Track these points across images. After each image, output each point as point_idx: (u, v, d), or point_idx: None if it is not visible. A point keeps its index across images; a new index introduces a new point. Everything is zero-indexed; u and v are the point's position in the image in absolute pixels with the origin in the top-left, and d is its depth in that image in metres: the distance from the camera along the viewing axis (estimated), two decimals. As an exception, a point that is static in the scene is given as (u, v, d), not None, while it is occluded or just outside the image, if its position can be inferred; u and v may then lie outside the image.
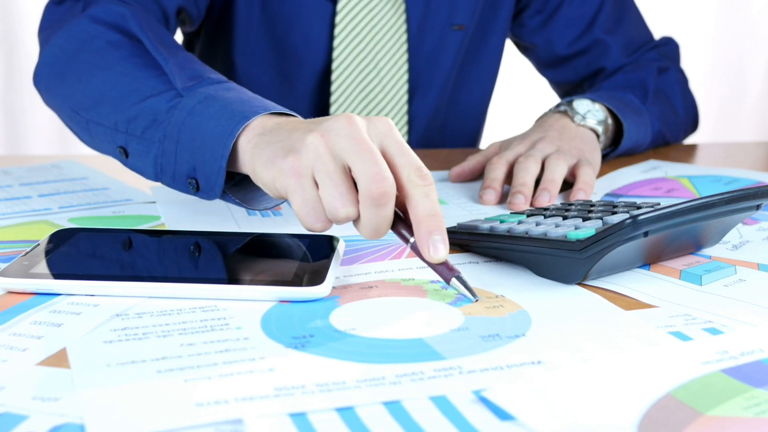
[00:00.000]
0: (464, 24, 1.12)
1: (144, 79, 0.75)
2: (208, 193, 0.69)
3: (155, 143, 0.71)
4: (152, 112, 0.72)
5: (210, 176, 0.68)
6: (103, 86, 0.77)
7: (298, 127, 0.62)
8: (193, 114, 0.69)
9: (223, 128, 0.66)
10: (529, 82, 1.65)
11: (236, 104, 0.68)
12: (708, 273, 0.62)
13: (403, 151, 0.59)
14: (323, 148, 0.58)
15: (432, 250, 0.56)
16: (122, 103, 0.74)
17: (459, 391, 0.44)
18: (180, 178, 0.70)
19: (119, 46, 0.79)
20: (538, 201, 0.80)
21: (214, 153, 0.67)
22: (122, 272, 0.59)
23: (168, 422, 0.41)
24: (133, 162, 0.74)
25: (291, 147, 0.60)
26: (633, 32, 1.16)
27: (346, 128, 0.58)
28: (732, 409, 0.42)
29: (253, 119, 0.66)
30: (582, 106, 0.95)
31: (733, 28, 2.53)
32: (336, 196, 0.57)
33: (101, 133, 0.77)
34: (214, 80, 0.73)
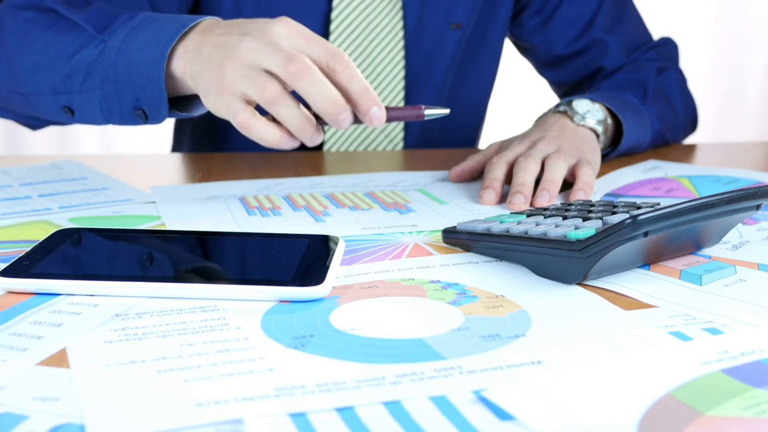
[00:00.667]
0: (462, 23, 1.12)
1: (67, 40, 0.81)
2: (156, 118, 0.78)
3: (95, 91, 0.79)
4: (84, 64, 0.79)
5: (153, 102, 0.77)
6: (33, 59, 0.82)
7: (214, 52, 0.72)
8: (121, 52, 0.77)
9: (153, 55, 0.75)
10: (528, 82, 1.64)
11: (156, 30, 0.76)
12: (708, 273, 0.62)
13: (311, 43, 0.69)
14: (239, 65, 0.68)
15: (373, 120, 0.68)
16: (54, 66, 0.81)
17: (459, 391, 0.44)
18: (127, 113, 0.79)
19: (36, 21, 0.84)
20: (538, 201, 0.80)
21: (152, 79, 0.75)
22: (122, 272, 0.59)
23: (168, 422, 0.41)
24: (80, 116, 0.82)
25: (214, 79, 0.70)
26: (632, 32, 1.16)
27: (253, 44, 0.68)
28: (732, 409, 0.42)
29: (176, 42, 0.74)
30: (582, 106, 0.95)
31: (732, 28, 2.53)
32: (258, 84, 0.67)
33: (42, 102, 0.83)
34: (125, 17, 0.80)
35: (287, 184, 0.90)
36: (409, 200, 0.84)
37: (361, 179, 0.92)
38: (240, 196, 0.85)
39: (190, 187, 0.88)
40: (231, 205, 0.81)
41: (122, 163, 1.02)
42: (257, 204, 0.81)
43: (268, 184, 0.90)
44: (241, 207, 0.80)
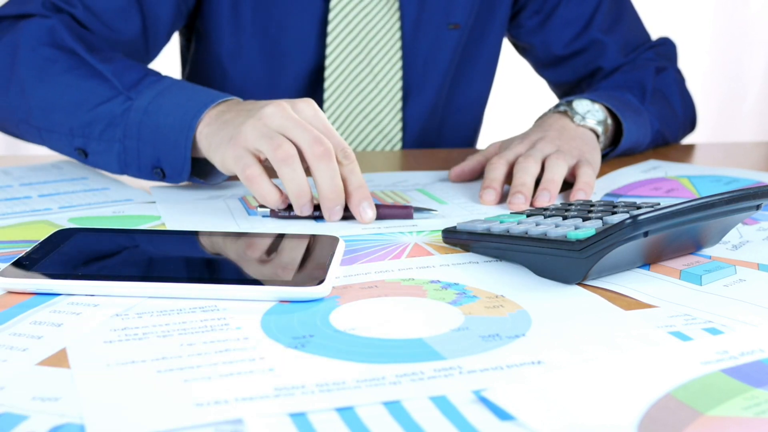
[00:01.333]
0: (460, 23, 1.12)
1: (90, 88, 0.84)
2: (175, 179, 0.82)
3: (115, 142, 0.82)
4: (107, 116, 0.83)
5: (176, 165, 0.81)
6: (51, 98, 0.85)
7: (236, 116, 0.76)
8: (148, 113, 0.81)
9: (182, 123, 0.79)
10: (527, 83, 1.64)
11: (185, 100, 0.81)
12: (708, 273, 0.62)
13: (328, 132, 0.74)
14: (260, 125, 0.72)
15: (363, 215, 0.73)
16: (75, 111, 0.84)
17: (459, 391, 0.44)
18: (145, 169, 0.82)
19: (55, 60, 0.86)
20: (538, 201, 0.80)
21: (178, 145, 0.80)
22: (122, 272, 0.59)
23: (168, 422, 0.41)
24: (93, 160, 0.85)
25: (231, 135, 0.74)
26: (630, 32, 1.16)
27: (279, 111, 0.72)
28: (732, 409, 0.42)
29: (204, 113, 0.79)
30: (581, 106, 0.95)
31: (731, 28, 2.53)
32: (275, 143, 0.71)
33: (55, 138, 0.87)
34: (152, 79, 0.84)
35: (287, 184, 0.89)
36: (409, 200, 0.84)
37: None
38: (240, 196, 0.85)
39: (190, 187, 0.88)
40: (231, 205, 0.81)
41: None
42: (257, 204, 0.81)
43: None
44: (241, 207, 0.80)
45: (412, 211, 0.76)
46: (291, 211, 0.76)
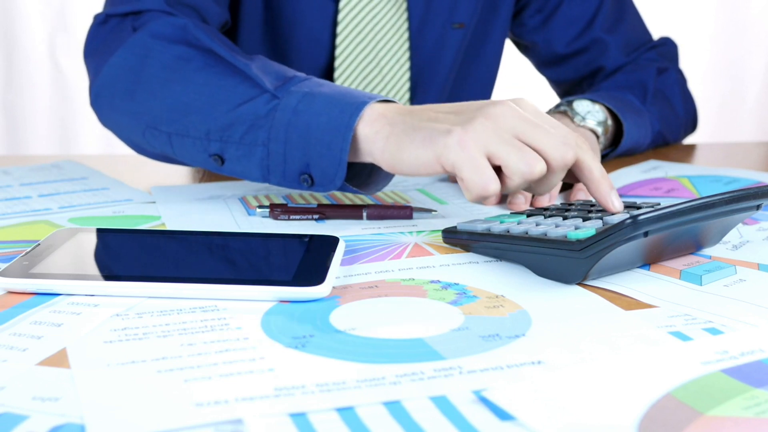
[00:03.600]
0: (464, 22, 1.12)
1: (230, 87, 0.75)
2: (326, 186, 0.72)
3: (258, 146, 0.73)
4: (250, 117, 0.73)
5: (328, 170, 0.71)
6: (185, 98, 0.77)
7: (443, 112, 0.69)
8: (298, 113, 0.71)
9: (337, 122, 0.70)
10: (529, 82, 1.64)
11: (340, 97, 0.71)
12: (708, 273, 0.62)
13: (558, 125, 0.67)
14: (494, 127, 0.64)
15: (612, 206, 0.65)
16: (213, 112, 0.75)
17: (459, 391, 0.44)
18: (291, 176, 0.73)
19: (189, 59, 0.78)
20: (538, 201, 0.80)
21: (332, 147, 0.70)
22: (122, 272, 0.59)
23: (168, 422, 0.41)
24: (231, 167, 0.76)
25: (452, 128, 0.65)
26: (632, 32, 1.16)
27: (510, 111, 0.65)
28: (732, 409, 0.42)
29: (364, 109, 0.70)
30: (582, 106, 0.95)
31: (732, 28, 2.53)
32: (528, 156, 0.64)
33: (189, 144, 0.77)
34: (300, 77, 0.75)
35: (287, 184, 0.89)
36: (409, 200, 0.84)
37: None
38: (240, 196, 0.85)
39: (190, 187, 0.88)
40: (231, 205, 0.81)
41: (122, 163, 1.02)
42: (257, 204, 0.81)
43: (268, 184, 0.89)
44: (241, 207, 0.80)
45: (412, 211, 0.76)
46: (291, 212, 0.75)
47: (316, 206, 0.76)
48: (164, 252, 0.64)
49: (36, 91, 2.34)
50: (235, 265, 0.62)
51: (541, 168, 0.64)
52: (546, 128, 0.65)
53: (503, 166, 0.64)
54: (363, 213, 0.76)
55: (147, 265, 0.61)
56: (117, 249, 0.64)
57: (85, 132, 2.37)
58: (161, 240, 0.66)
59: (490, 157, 0.64)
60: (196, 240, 0.66)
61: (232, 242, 0.65)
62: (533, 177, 0.64)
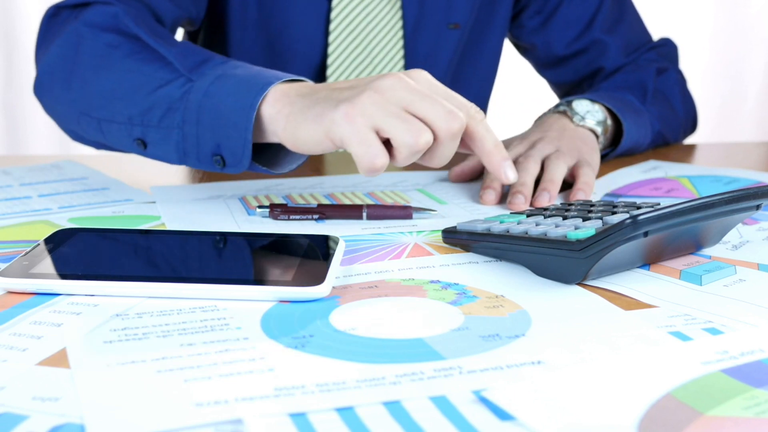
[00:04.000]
0: (460, 23, 1.12)
1: (150, 72, 0.77)
2: (235, 167, 0.73)
3: (174, 129, 0.75)
4: (166, 100, 0.75)
5: (236, 150, 0.72)
6: (111, 85, 0.79)
7: (338, 88, 0.68)
8: (209, 95, 0.73)
9: (243, 102, 0.71)
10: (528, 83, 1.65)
11: (248, 78, 0.72)
12: (708, 273, 0.62)
13: (452, 95, 0.67)
14: (382, 100, 0.64)
15: (505, 176, 0.67)
16: (134, 97, 0.77)
17: (459, 391, 0.44)
18: (205, 157, 0.74)
19: (117, 46, 0.80)
20: (538, 201, 0.80)
21: (238, 127, 0.71)
22: (122, 272, 0.59)
23: (168, 422, 0.41)
24: (152, 151, 0.78)
25: (340, 102, 0.65)
26: (631, 33, 1.16)
27: (399, 83, 0.65)
28: (732, 409, 0.42)
29: (269, 90, 0.70)
30: (581, 106, 0.95)
31: (732, 28, 2.53)
32: (413, 127, 0.64)
33: (115, 130, 0.79)
34: (218, 61, 0.77)
35: (287, 184, 0.90)
36: (409, 200, 0.84)
37: (361, 179, 0.92)
38: (240, 196, 0.85)
39: (190, 187, 0.88)
40: (231, 205, 0.81)
41: (122, 163, 1.02)
42: (257, 204, 0.81)
43: (268, 184, 0.90)
44: (241, 207, 0.80)
45: (411, 211, 0.76)
46: (291, 212, 0.75)
47: (316, 206, 0.76)
48: (164, 252, 0.64)
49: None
50: (235, 265, 0.62)
51: (426, 138, 0.64)
52: (433, 98, 0.65)
53: (391, 138, 0.65)
54: (363, 213, 0.76)
55: (147, 265, 0.61)
56: (117, 249, 0.65)
57: (84, 132, 2.37)
58: (161, 240, 0.66)
59: (378, 131, 0.65)
60: (196, 240, 0.66)
61: (232, 242, 0.65)
62: (419, 147, 0.64)
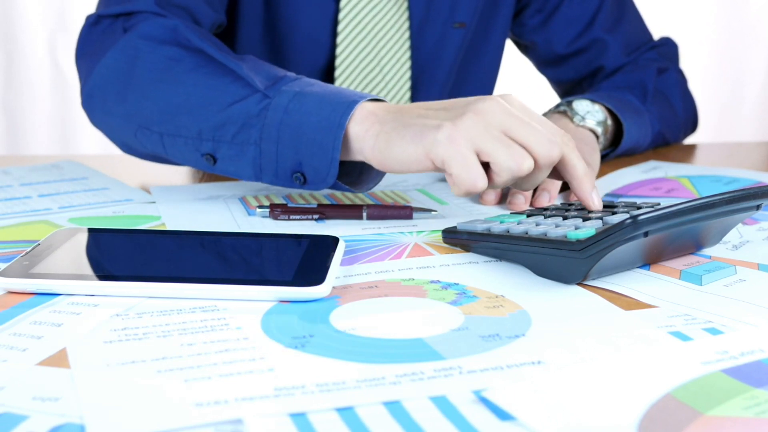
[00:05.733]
0: (465, 22, 1.12)
1: (221, 86, 0.76)
2: (317, 185, 0.73)
3: (250, 145, 0.74)
4: (241, 116, 0.74)
5: (320, 169, 0.71)
6: (176, 99, 0.77)
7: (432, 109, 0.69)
8: (289, 112, 0.72)
9: (329, 121, 0.70)
10: (529, 82, 1.65)
11: (330, 97, 0.72)
12: (708, 273, 0.62)
13: (546, 122, 0.67)
14: (483, 123, 0.65)
15: (593, 204, 0.67)
16: (204, 112, 0.76)
17: (459, 391, 0.44)
18: (284, 174, 0.73)
19: (180, 59, 0.79)
20: (538, 201, 0.80)
21: (324, 146, 0.70)
22: (122, 272, 0.59)
23: (168, 422, 0.41)
24: (223, 166, 0.76)
25: (442, 124, 0.66)
26: (632, 32, 1.16)
27: (498, 107, 0.66)
28: (732, 409, 0.42)
29: (355, 108, 0.70)
30: (581, 106, 0.95)
31: (732, 28, 2.53)
32: (516, 153, 0.64)
33: (180, 144, 0.78)
34: (291, 77, 0.76)
35: (287, 184, 0.89)
36: (409, 200, 0.84)
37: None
38: (240, 196, 0.85)
39: (190, 187, 0.88)
40: (231, 205, 0.81)
41: (122, 163, 1.02)
42: (257, 204, 0.81)
43: (267, 185, 0.89)
44: (241, 207, 0.80)
45: (411, 211, 0.76)
46: (291, 212, 0.75)
47: (316, 206, 0.76)
48: (164, 252, 0.64)
49: (36, 91, 2.34)
50: (235, 265, 0.62)
51: (528, 165, 0.65)
52: (533, 125, 0.66)
53: (492, 162, 0.65)
54: (363, 213, 0.75)
55: (147, 265, 0.61)
56: (117, 249, 0.64)
57: (85, 132, 2.37)
58: (161, 240, 0.66)
59: (478, 153, 0.65)
60: (196, 240, 0.66)
61: (232, 242, 0.65)
62: (521, 173, 0.65)
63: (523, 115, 0.66)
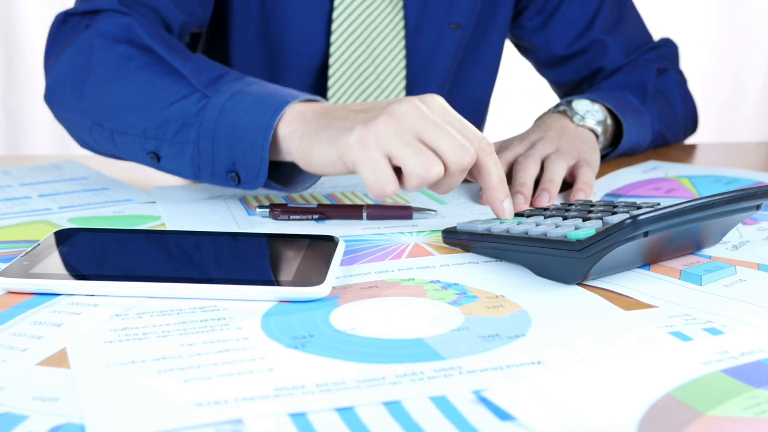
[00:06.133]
0: (462, 23, 1.12)
1: (166, 85, 0.77)
2: (250, 184, 0.74)
3: (189, 144, 0.75)
4: (181, 115, 0.75)
5: (251, 168, 0.72)
6: (125, 97, 0.79)
7: (353, 110, 0.69)
8: (225, 111, 0.73)
9: (260, 121, 0.71)
10: (529, 82, 1.65)
11: (265, 97, 0.73)
12: (708, 273, 0.62)
13: (465, 125, 0.67)
14: (396, 126, 0.64)
15: (502, 213, 0.68)
16: (148, 110, 0.77)
17: (459, 391, 0.44)
18: (219, 173, 0.75)
19: (131, 58, 0.80)
20: (538, 201, 0.80)
21: (254, 146, 0.71)
22: (122, 272, 0.59)
23: (168, 422, 0.41)
24: (166, 165, 0.78)
25: (355, 126, 0.65)
26: (632, 33, 1.16)
27: (414, 110, 0.65)
28: (732, 409, 0.42)
29: (285, 109, 0.71)
30: (581, 106, 0.95)
31: (732, 28, 2.53)
32: (425, 159, 0.64)
33: (128, 142, 0.80)
34: (233, 77, 0.77)
35: (287, 184, 0.89)
36: (409, 200, 0.84)
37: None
38: (240, 196, 0.85)
39: (190, 187, 0.88)
40: (231, 205, 0.81)
41: (122, 163, 1.02)
42: (257, 204, 0.81)
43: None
44: (241, 207, 0.80)
45: (411, 211, 0.76)
46: (291, 212, 0.75)
47: (316, 206, 0.76)
48: (164, 252, 0.64)
49: (36, 91, 2.34)
50: (235, 265, 0.62)
51: (437, 171, 0.64)
52: (447, 129, 0.65)
53: (402, 167, 0.65)
54: (363, 213, 0.76)
55: (147, 265, 0.61)
56: (117, 249, 0.64)
57: (85, 132, 2.37)
58: (161, 240, 0.66)
59: (389, 157, 0.65)
60: (196, 240, 0.66)
61: (232, 242, 0.65)
62: (430, 180, 0.64)
63: (438, 119, 0.66)
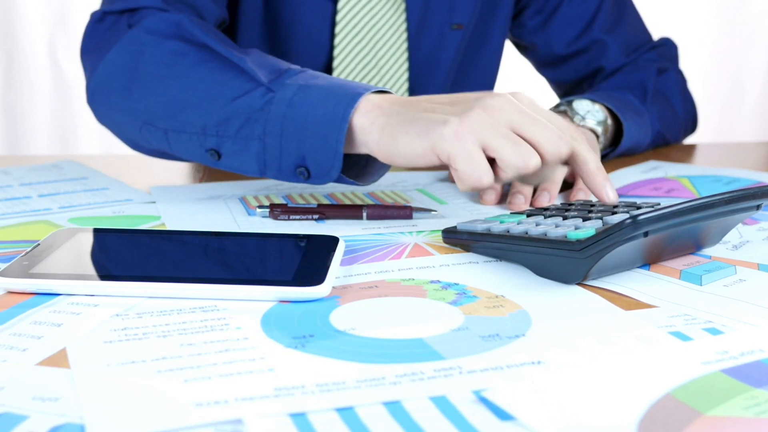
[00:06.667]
0: (463, 23, 1.12)
1: (225, 81, 0.75)
2: (321, 179, 0.72)
3: (254, 140, 0.73)
4: (245, 110, 0.73)
5: (324, 162, 0.70)
6: (181, 94, 0.77)
7: (439, 103, 0.69)
8: (293, 105, 0.71)
9: (333, 113, 0.69)
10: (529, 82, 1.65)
11: (335, 89, 0.71)
12: (708, 273, 0.62)
13: (555, 117, 0.68)
14: (491, 119, 0.65)
15: (607, 197, 0.68)
16: (208, 107, 0.75)
17: (459, 391, 0.44)
18: (287, 169, 0.73)
19: (184, 54, 0.78)
20: (538, 201, 0.80)
21: (327, 139, 0.69)
22: (122, 272, 0.59)
23: (168, 422, 0.41)
24: (227, 162, 0.76)
25: (448, 118, 0.66)
26: (631, 32, 1.16)
27: (507, 103, 0.66)
28: (732, 409, 0.42)
29: (360, 100, 0.69)
30: (582, 106, 0.95)
31: (732, 28, 2.53)
32: (523, 150, 0.64)
33: (185, 140, 0.77)
34: (295, 70, 0.75)
35: (287, 184, 0.90)
36: (409, 200, 0.84)
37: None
38: (240, 196, 0.85)
39: (190, 187, 0.88)
40: (231, 205, 0.81)
41: (122, 163, 1.02)
42: (257, 204, 0.81)
43: (268, 184, 0.90)
44: (241, 207, 0.80)
45: (411, 211, 0.76)
46: (291, 212, 0.75)
47: (316, 206, 0.76)
48: (164, 252, 0.64)
49: (36, 91, 2.34)
50: (235, 265, 0.62)
51: (535, 162, 0.65)
52: (542, 121, 0.66)
53: (498, 159, 0.65)
54: (363, 213, 0.76)
55: (147, 265, 0.61)
56: (117, 249, 0.64)
57: (85, 132, 2.37)
58: (161, 240, 0.66)
59: (485, 149, 0.65)
60: (196, 240, 0.66)
61: (231, 242, 0.65)
62: (527, 171, 0.65)
63: (531, 112, 0.66)
